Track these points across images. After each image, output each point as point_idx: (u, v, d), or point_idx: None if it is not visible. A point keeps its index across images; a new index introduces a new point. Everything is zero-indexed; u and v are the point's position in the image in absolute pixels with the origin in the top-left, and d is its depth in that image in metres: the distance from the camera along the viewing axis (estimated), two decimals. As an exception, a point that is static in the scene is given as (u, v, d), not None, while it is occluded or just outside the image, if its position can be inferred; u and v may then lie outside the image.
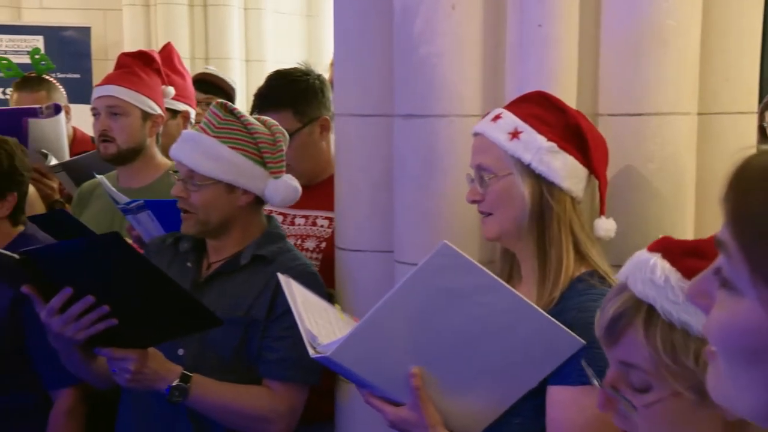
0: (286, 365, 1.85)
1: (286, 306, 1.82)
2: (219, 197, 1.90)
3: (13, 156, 2.13)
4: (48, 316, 1.69)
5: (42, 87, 3.39)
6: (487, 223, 1.54)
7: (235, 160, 1.90)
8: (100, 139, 2.54)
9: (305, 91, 2.33)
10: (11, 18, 6.44)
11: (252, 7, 6.21)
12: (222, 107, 1.94)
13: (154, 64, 2.69)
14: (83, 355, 1.79)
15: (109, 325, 1.69)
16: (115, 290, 1.68)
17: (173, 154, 1.95)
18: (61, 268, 1.67)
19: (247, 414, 1.84)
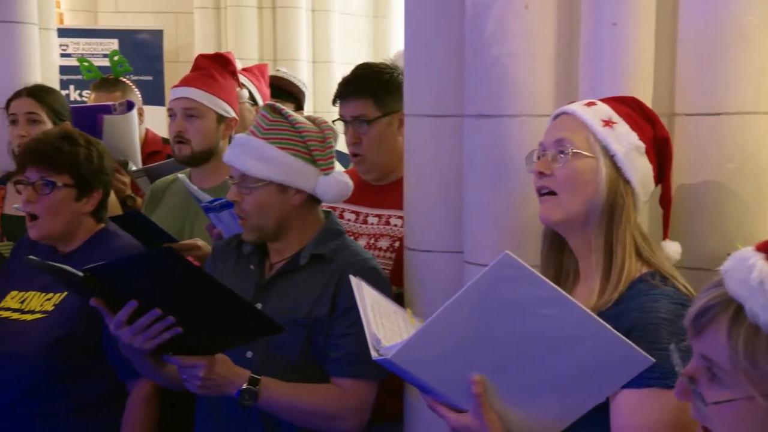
0: (352, 362, 1.86)
1: (349, 303, 1.84)
2: (271, 198, 1.92)
3: (103, 156, 2.22)
4: (116, 328, 1.74)
5: (117, 88, 3.49)
6: (548, 204, 1.47)
7: (284, 160, 1.92)
8: (176, 141, 2.58)
9: (388, 83, 2.35)
10: (88, 22, 6.64)
11: (319, 9, 6.26)
12: (270, 108, 1.97)
13: (230, 67, 2.72)
14: (154, 362, 1.83)
15: (175, 333, 1.73)
16: (177, 301, 1.72)
17: (226, 159, 1.97)
18: (123, 283, 1.72)
19: (318, 412, 1.85)
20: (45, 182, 2.11)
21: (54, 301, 2.13)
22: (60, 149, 2.14)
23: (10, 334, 2.11)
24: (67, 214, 2.15)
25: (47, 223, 2.14)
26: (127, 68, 3.68)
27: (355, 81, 2.37)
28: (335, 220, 2.05)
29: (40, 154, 2.14)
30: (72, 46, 6.15)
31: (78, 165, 2.14)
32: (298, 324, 1.87)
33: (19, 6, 3.11)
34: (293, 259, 1.95)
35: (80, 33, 6.33)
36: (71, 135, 2.20)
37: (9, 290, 2.20)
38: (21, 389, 2.10)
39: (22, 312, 2.14)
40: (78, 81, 5.95)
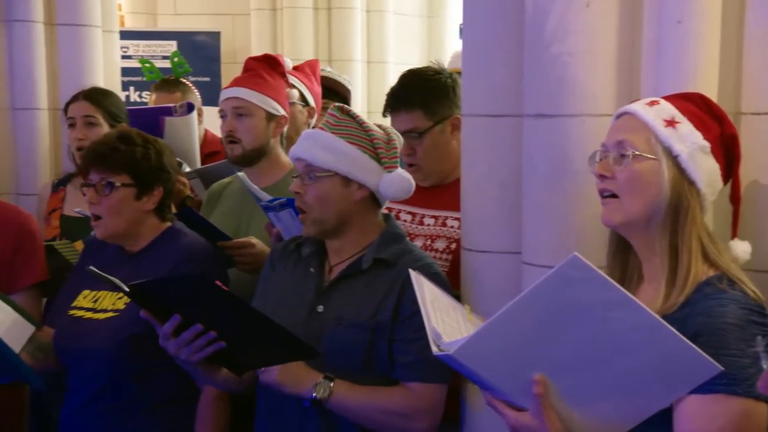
0: (420, 367, 1.86)
1: (413, 307, 1.83)
2: (334, 190, 1.93)
3: (162, 153, 2.24)
4: (163, 340, 1.79)
5: (178, 89, 3.55)
6: (610, 206, 1.47)
7: (351, 153, 1.94)
8: (227, 140, 2.61)
9: (436, 90, 2.34)
10: (148, 24, 6.77)
11: (374, 9, 6.28)
12: (339, 109, 2.00)
13: (279, 68, 2.74)
14: (206, 371, 1.87)
15: (218, 347, 1.77)
16: (217, 319, 1.76)
17: (292, 152, 2.00)
18: (166, 299, 1.77)
19: (389, 410, 1.86)
20: (105, 183, 2.16)
21: (125, 299, 2.16)
22: (116, 149, 2.17)
23: (84, 333, 2.16)
24: (128, 213, 2.18)
25: (110, 222, 2.18)
26: (187, 69, 3.74)
27: (402, 93, 2.36)
28: (395, 223, 2.06)
29: (99, 156, 2.18)
30: (132, 48, 6.26)
31: (135, 164, 2.18)
32: (361, 327, 1.88)
33: (83, 9, 3.17)
34: (355, 263, 1.95)
35: (140, 35, 6.44)
36: (128, 135, 2.24)
37: (81, 289, 2.26)
38: (96, 387, 2.16)
39: (94, 311, 2.19)
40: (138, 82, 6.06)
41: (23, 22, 3.07)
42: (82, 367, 2.20)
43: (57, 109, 3.17)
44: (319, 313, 1.91)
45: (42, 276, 2.51)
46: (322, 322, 1.90)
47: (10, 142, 3.12)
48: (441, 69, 2.43)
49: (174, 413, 2.18)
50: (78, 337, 2.17)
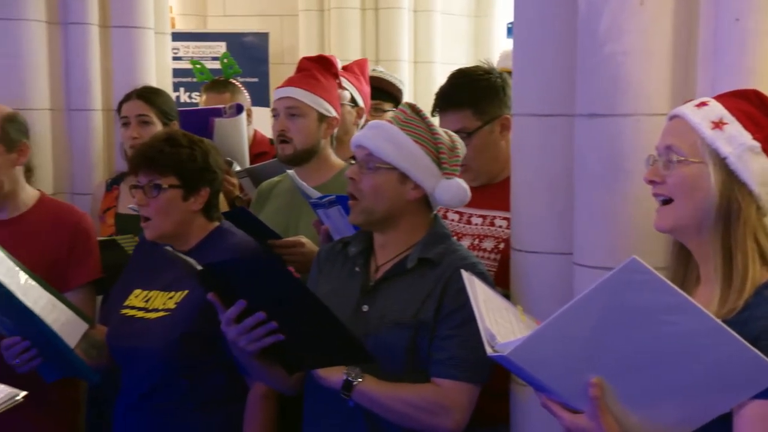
0: (453, 364, 1.85)
1: (454, 306, 1.85)
2: (390, 184, 1.93)
3: (207, 154, 2.26)
4: (225, 324, 1.79)
5: (227, 89, 3.59)
6: (662, 212, 1.48)
7: (414, 152, 1.93)
8: (279, 140, 2.63)
9: (486, 90, 2.33)
10: (197, 26, 6.85)
11: (421, 9, 6.28)
12: (410, 107, 2.00)
13: (332, 69, 2.76)
14: (261, 364, 1.88)
15: (277, 340, 1.77)
16: (280, 309, 1.76)
17: (355, 139, 2.00)
18: (236, 283, 1.77)
19: (415, 404, 1.84)
20: (152, 185, 2.19)
21: (176, 299, 2.20)
22: (162, 152, 2.20)
23: (136, 332, 2.19)
24: (176, 213, 2.21)
25: (159, 223, 2.21)
26: (237, 70, 3.78)
27: (451, 93, 2.35)
28: (442, 223, 2.05)
29: (145, 159, 2.21)
30: (183, 49, 6.35)
31: (181, 165, 2.20)
32: (404, 327, 1.87)
33: (136, 11, 3.21)
34: (400, 263, 1.95)
35: (190, 36, 6.53)
36: (174, 136, 2.26)
37: (133, 289, 2.29)
38: (148, 385, 2.19)
39: (146, 310, 2.22)
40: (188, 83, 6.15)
41: (78, 24, 3.12)
42: (134, 366, 2.23)
43: (110, 110, 3.22)
44: (364, 312, 1.92)
45: (96, 274, 2.55)
46: (366, 321, 1.90)
47: (65, 143, 3.17)
48: (491, 69, 2.42)
49: (223, 412, 2.20)
50: (130, 337, 2.21)
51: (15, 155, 2.48)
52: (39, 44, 3.04)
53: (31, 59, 3.02)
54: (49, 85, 3.09)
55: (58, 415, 2.50)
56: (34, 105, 3.02)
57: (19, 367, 2.11)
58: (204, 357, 2.18)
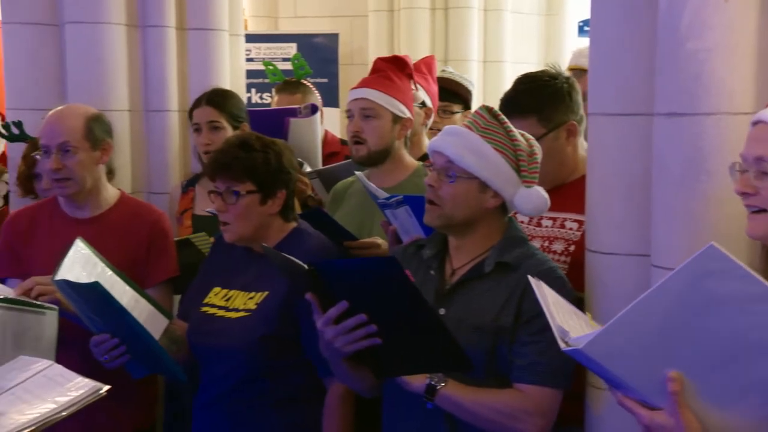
0: (535, 369, 1.84)
1: (534, 312, 1.82)
2: (470, 193, 1.92)
3: (281, 155, 2.28)
4: (324, 324, 1.79)
5: (299, 90, 3.63)
6: (756, 220, 1.44)
7: (495, 161, 1.92)
8: (353, 141, 2.64)
9: (552, 96, 2.29)
10: (269, 27, 6.95)
11: (492, 9, 6.24)
12: (488, 110, 1.98)
13: (407, 69, 2.75)
14: (350, 366, 1.89)
15: (374, 344, 1.77)
16: (384, 313, 1.75)
17: (433, 145, 1.98)
18: (341, 283, 1.77)
19: (497, 409, 1.84)
20: (230, 192, 2.21)
21: (256, 300, 2.23)
22: (237, 158, 2.22)
23: (217, 331, 2.23)
24: (255, 217, 2.24)
25: (238, 228, 2.24)
26: (308, 71, 3.81)
27: (516, 99, 2.31)
28: (517, 226, 2.04)
29: (221, 166, 2.23)
30: (254, 50, 6.44)
31: (257, 170, 2.22)
32: (483, 331, 1.86)
33: (212, 14, 3.27)
34: (477, 267, 1.94)
35: (261, 38, 6.62)
36: (247, 141, 2.27)
37: (212, 286, 2.33)
38: (228, 384, 2.23)
39: (227, 309, 2.26)
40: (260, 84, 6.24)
41: (156, 27, 3.19)
42: (214, 364, 2.27)
43: (186, 111, 3.28)
44: (441, 316, 1.91)
45: (173, 272, 2.61)
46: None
47: (143, 143, 3.24)
48: (557, 73, 2.37)
49: (301, 411, 2.23)
50: (210, 335, 2.25)
51: (99, 153, 2.55)
52: (119, 47, 3.13)
53: (112, 62, 3.11)
54: (128, 86, 3.17)
55: (136, 409, 2.56)
56: (114, 106, 3.10)
57: (107, 363, 2.17)
58: (283, 357, 2.20)
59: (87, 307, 2.17)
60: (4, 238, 2.61)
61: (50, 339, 2.29)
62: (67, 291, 2.13)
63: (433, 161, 1.98)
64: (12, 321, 2.23)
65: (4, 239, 2.61)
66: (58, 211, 2.60)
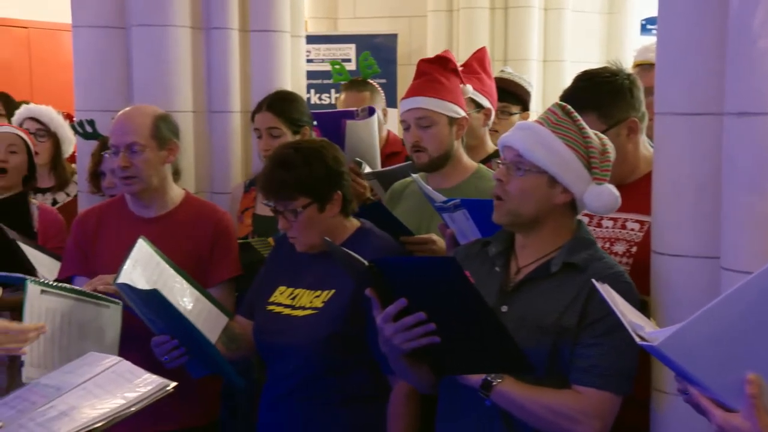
0: (596, 372, 1.81)
1: (598, 314, 1.81)
2: (538, 188, 1.90)
3: (324, 158, 2.27)
4: (383, 321, 1.80)
5: (366, 89, 3.65)
6: None
7: (565, 156, 1.90)
8: (413, 150, 2.62)
9: (612, 93, 2.26)
10: (329, 28, 7.00)
11: (552, 8, 6.19)
12: (561, 108, 1.97)
13: (451, 65, 2.70)
14: (409, 363, 1.88)
15: (432, 342, 1.77)
16: (443, 312, 1.75)
17: (504, 140, 1.97)
18: (401, 281, 1.77)
19: (555, 410, 1.82)
20: (289, 211, 2.23)
21: (322, 298, 2.25)
22: (284, 181, 2.22)
23: (283, 329, 2.26)
24: (318, 225, 2.25)
25: (305, 239, 2.27)
26: (376, 70, 3.82)
27: (575, 95, 2.28)
28: (587, 228, 2.01)
29: (270, 191, 2.25)
30: (314, 51, 6.49)
31: (305, 185, 2.22)
32: (545, 331, 1.85)
33: (274, 15, 3.30)
34: (543, 266, 1.92)
35: (320, 39, 6.66)
36: (286, 160, 2.24)
37: (277, 285, 2.35)
38: (294, 381, 2.25)
39: (293, 308, 2.28)
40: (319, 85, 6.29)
41: (220, 29, 3.24)
42: (280, 362, 2.29)
43: (248, 112, 3.31)
44: (503, 313, 1.90)
45: (236, 271, 2.64)
46: (505, 322, 1.88)
47: (206, 144, 3.29)
48: (618, 70, 2.33)
49: (367, 409, 2.24)
50: (277, 334, 2.27)
51: (165, 153, 2.60)
52: (184, 49, 3.18)
53: (176, 63, 3.16)
54: (192, 88, 3.22)
55: (196, 404, 2.59)
56: (178, 107, 3.15)
57: (167, 364, 2.20)
58: (348, 355, 2.22)
59: (147, 310, 2.21)
60: (72, 237, 2.68)
61: (114, 333, 2.35)
62: (128, 294, 2.18)
63: (504, 156, 1.96)
64: (78, 311, 2.29)
65: (72, 238, 2.68)
66: (125, 210, 2.65)
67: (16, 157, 3.28)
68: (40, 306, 2.21)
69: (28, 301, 2.18)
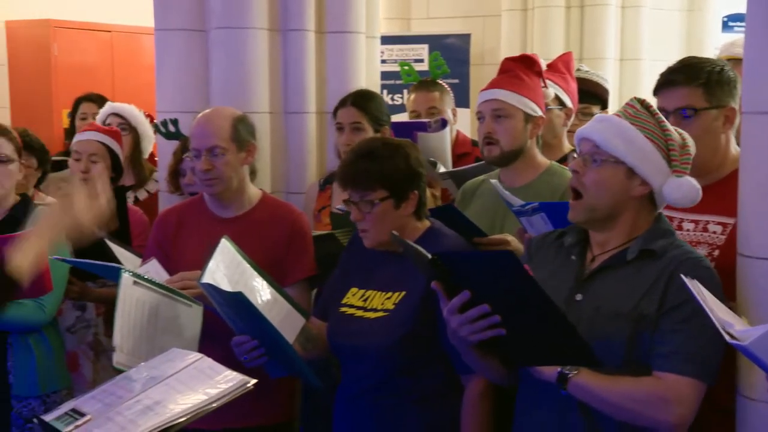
0: (678, 358, 1.78)
1: (679, 300, 1.78)
2: (615, 179, 1.88)
3: (408, 157, 2.29)
4: (449, 313, 1.80)
5: (435, 89, 3.64)
6: None
7: (643, 146, 1.88)
8: (485, 142, 2.61)
9: (720, 74, 2.20)
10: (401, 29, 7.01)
11: (630, 5, 6.09)
12: (639, 102, 1.95)
13: (536, 67, 2.71)
14: (479, 355, 1.89)
15: (498, 334, 1.76)
16: (506, 305, 1.75)
17: (581, 132, 1.95)
18: (463, 274, 1.78)
19: (634, 397, 1.79)
20: (365, 202, 2.25)
21: (393, 300, 2.26)
22: (367, 170, 2.24)
23: (356, 331, 2.27)
24: (391, 222, 2.26)
25: (376, 234, 2.27)
26: (446, 70, 3.83)
27: (684, 69, 2.24)
28: (666, 220, 1.97)
29: (351, 178, 2.27)
30: (386, 52, 6.51)
31: (387, 178, 2.24)
32: (622, 319, 1.82)
33: (350, 17, 3.33)
34: (619, 254, 1.90)
35: (393, 39, 6.68)
36: (373, 150, 2.28)
37: (350, 287, 2.37)
38: (368, 383, 2.27)
39: (365, 310, 2.30)
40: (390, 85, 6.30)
41: (296, 31, 3.27)
42: (354, 363, 2.31)
43: (323, 113, 3.35)
44: (578, 301, 1.88)
45: (311, 270, 2.66)
46: (580, 311, 1.86)
47: (282, 144, 3.33)
48: (724, 62, 2.29)
49: (440, 407, 2.24)
50: (349, 335, 2.29)
51: (244, 154, 2.64)
52: (261, 50, 3.22)
53: (254, 65, 3.21)
54: (269, 89, 3.26)
55: (275, 401, 2.63)
56: (255, 108, 3.19)
57: (247, 363, 2.23)
58: (421, 356, 2.22)
59: (229, 310, 2.25)
60: (153, 236, 2.75)
61: (194, 331, 2.41)
62: (212, 294, 2.22)
63: (580, 149, 1.95)
64: (165, 307, 2.36)
65: (153, 236, 2.74)
66: (204, 210, 2.70)
67: (97, 166, 3.36)
68: (132, 296, 2.28)
69: (121, 289, 2.26)
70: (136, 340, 2.26)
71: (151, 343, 2.27)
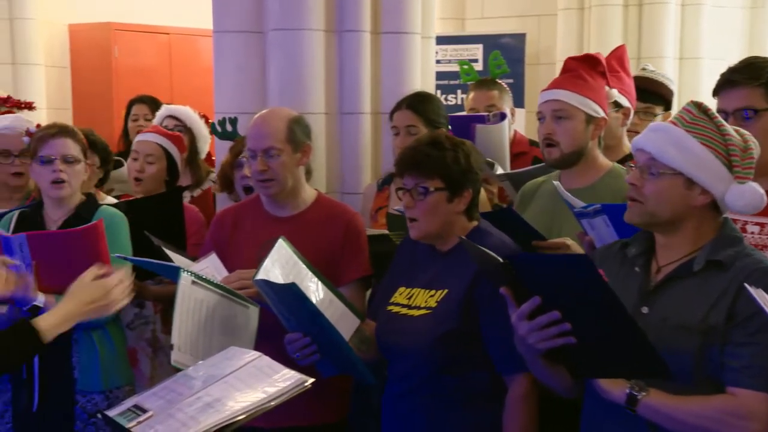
0: (751, 373, 1.74)
1: (749, 312, 1.73)
2: (674, 190, 1.84)
3: (470, 156, 2.29)
4: (517, 319, 1.78)
5: (494, 88, 3.64)
6: None
7: (701, 155, 1.83)
8: (545, 143, 2.58)
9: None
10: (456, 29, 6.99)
11: (690, 3, 5.98)
12: (696, 105, 1.90)
13: (599, 67, 2.67)
14: (546, 364, 1.86)
15: (567, 342, 1.73)
16: (578, 312, 1.71)
17: (636, 143, 1.92)
18: (535, 279, 1.75)
19: (707, 416, 1.75)
20: (419, 188, 2.24)
21: (437, 297, 2.26)
22: (428, 156, 2.25)
23: (400, 329, 2.28)
24: (441, 215, 2.26)
25: (425, 224, 2.27)
26: (505, 69, 3.81)
27: (745, 69, 2.20)
28: (733, 225, 1.92)
29: (412, 163, 2.27)
30: (441, 52, 6.49)
31: (446, 169, 2.24)
32: (690, 331, 1.78)
33: (406, 17, 3.32)
34: (685, 265, 1.86)
35: (447, 40, 6.65)
36: (438, 140, 2.30)
37: (398, 286, 2.38)
38: (414, 381, 2.27)
39: (409, 308, 2.30)
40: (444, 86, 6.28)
41: (352, 32, 3.27)
42: (399, 361, 2.32)
43: (378, 113, 3.35)
44: (644, 314, 1.85)
45: (366, 270, 2.67)
46: (646, 323, 1.82)
47: (337, 145, 3.34)
48: None
49: (486, 408, 2.23)
50: (394, 333, 2.30)
51: (299, 155, 2.65)
52: (317, 52, 3.23)
53: (310, 66, 3.22)
54: (325, 90, 3.27)
55: (328, 401, 2.64)
56: (311, 109, 3.21)
57: (299, 361, 2.24)
58: (466, 354, 2.21)
59: (283, 306, 2.26)
60: (210, 235, 2.78)
61: (251, 331, 2.43)
62: (265, 290, 2.24)
63: (636, 159, 1.91)
64: (222, 307, 2.39)
65: (210, 236, 2.78)
66: (260, 209, 2.73)
67: (153, 167, 3.41)
68: (191, 295, 2.32)
69: (180, 289, 2.30)
70: (193, 339, 2.29)
71: (209, 343, 2.31)
